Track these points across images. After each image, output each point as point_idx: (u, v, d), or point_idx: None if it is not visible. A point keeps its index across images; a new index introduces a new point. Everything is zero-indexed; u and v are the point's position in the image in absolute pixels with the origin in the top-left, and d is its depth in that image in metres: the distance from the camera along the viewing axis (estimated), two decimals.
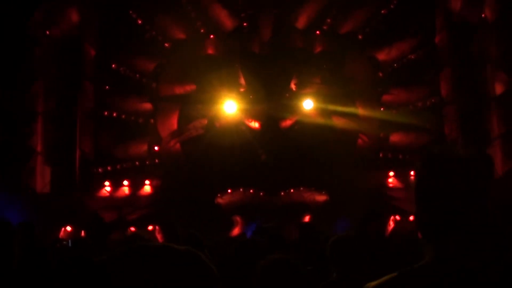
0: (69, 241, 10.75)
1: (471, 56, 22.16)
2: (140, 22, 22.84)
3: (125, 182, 21.67)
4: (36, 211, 18.52)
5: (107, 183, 21.53)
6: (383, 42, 22.99)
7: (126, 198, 21.44)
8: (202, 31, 22.93)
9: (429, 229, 2.54)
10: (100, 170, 21.94)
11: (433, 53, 22.71)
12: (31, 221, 8.47)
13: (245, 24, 22.95)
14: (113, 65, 22.54)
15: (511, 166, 20.69)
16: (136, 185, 21.74)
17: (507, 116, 20.88)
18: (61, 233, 19.30)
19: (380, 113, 22.19)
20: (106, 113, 22.31)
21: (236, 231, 20.30)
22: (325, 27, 22.93)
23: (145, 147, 22.43)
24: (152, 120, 22.41)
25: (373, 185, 21.07)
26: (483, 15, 21.97)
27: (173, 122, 22.24)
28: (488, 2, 21.85)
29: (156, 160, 22.27)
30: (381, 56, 22.88)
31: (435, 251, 2.52)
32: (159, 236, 19.59)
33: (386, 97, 22.43)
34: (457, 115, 21.38)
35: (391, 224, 19.86)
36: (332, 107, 21.50)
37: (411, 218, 19.70)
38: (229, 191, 20.62)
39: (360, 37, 22.99)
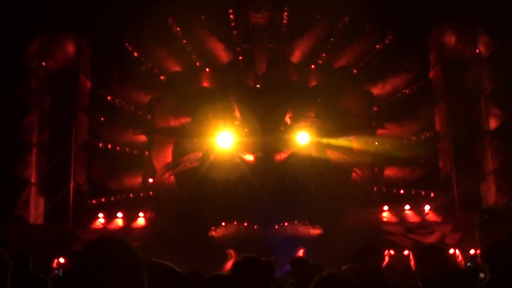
0: (60, 270, 10.63)
1: (465, 90, 22.30)
2: (136, 54, 22.94)
3: (119, 214, 21.55)
4: (29, 242, 18.41)
5: (100, 214, 21.40)
6: (378, 77, 23.12)
7: (120, 230, 21.30)
8: (197, 64, 23.02)
9: None
10: (94, 201, 21.85)
11: (428, 88, 22.83)
12: (25, 253, 8.39)
13: (240, 57, 23.06)
14: (108, 97, 22.55)
15: (505, 201, 20.71)
16: (130, 217, 21.62)
17: (501, 150, 20.97)
18: (54, 265, 19.18)
19: (374, 147, 22.18)
20: (100, 144, 22.28)
21: (229, 264, 20.16)
22: (320, 62, 23.05)
23: (139, 179, 22.37)
24: (146, 152, 22.37)
25: (367, 219, 21.00)
26: (477, 51, 22.16)
27: (168, 155, 22.20)
28: (481, 38, 22.05)
29: (150, 192, 22.18)
30: (376, 90, 22.97)
31: None
32: None
33: (380, 131, 22.45)
34: (451, 150, 21.42)
35: (386, 259, 19.76)
36: (326, 141, 21.49)
37: (405, 252, 19.65)
38: (223, 224, 20.50)
39: (355, 71, 23.09)
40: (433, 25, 22.49)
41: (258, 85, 22.56)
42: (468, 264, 15.72)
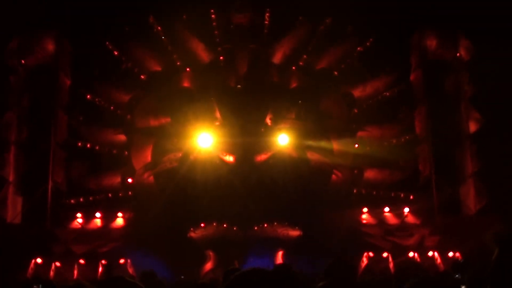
0: (40, 286, 10.41)
1: (445, 94, 22.38)
2: (116, 53, 22.80)
3: (98, 214, 21.37)
4: (6, 242, 18.24)
5: (79, 214, 21.19)
6: (359, 79, 23.16)
7: (98, 230, 21.14)
8: (178, 64, 22.93)
9: None
10: (72, 201, 21.64)
11: (408, 91, 22.89)
12: None
13: (221, 58, 23.00)
14: (88, 96, 22.40)
15: (484, 204, 20.83)
16: (108, 217, 21.45)
17: (481, 154, 21.08)
18: (31, 265, 19.02)
19: (354, 149, 22.22)
20: (79, 143, 22.09)
21: (208, 265, 20.11)
22: (301, 63, 23.06)
23: (118, 179, 22.21)
24: (126, 152, 22.23)
25: (346, 221, 21.00)
26: (457, 55, 22.26)
27: (147, 155, 22.08)
28: (462, 42, 22.17)
29: (130, 193, 22.04)
30: (356, 92, 23.03)
31: None
32: (130, 270, 19.42)
33: (360, 134, 22.50)
34: (431, 153, 21.50)
35: (365, 261, 19.83)
36: (306, 142, 21.50)
37: (384, 254, 19.71)
38: (202, 225, 20.43)
39: (335, 73, 23.13)
40: (414, 29, 22.57)
41: (239, 86, 22.51)
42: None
